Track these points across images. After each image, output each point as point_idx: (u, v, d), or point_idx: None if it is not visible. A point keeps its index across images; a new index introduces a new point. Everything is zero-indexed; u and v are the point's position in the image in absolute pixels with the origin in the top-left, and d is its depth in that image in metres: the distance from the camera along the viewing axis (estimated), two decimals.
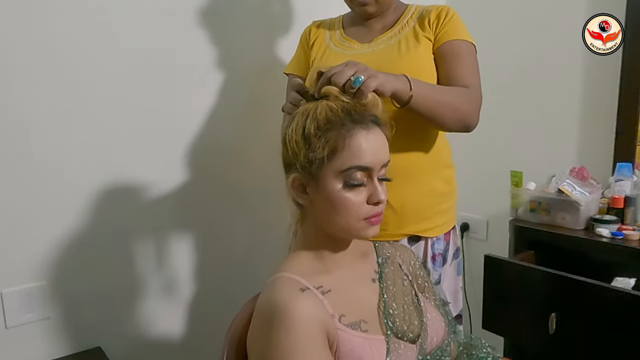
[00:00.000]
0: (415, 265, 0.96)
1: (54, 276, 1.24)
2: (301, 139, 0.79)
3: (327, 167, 0.78)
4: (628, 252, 1.25)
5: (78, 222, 1.26)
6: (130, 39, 1.29)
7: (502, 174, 1.63)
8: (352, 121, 0.78)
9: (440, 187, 1.16)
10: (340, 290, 0.81)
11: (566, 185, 1.41)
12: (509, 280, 1.29)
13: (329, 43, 1.21)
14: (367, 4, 1.13)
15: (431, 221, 1.14)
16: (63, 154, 1.22)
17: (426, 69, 1.10)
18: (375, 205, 0.80)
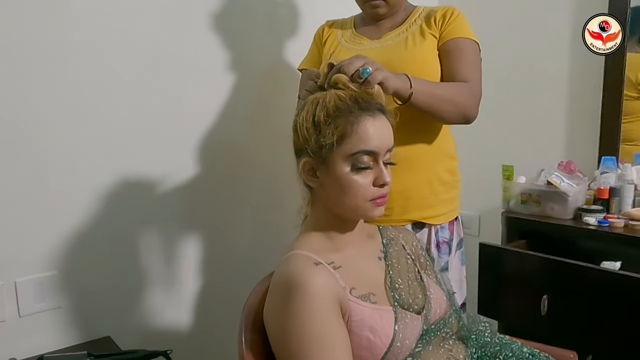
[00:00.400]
0: (417, 247, 1.02)
1: (66, 266, 1.27)
2: (312, 126, 0.84)
3: (336, 151, 0.83)
4: (613, 238, 1.33)
5: (89, 216, 1.30)
6: (141, 40, 1.33)
7: (493, 170, 1.70)
8: (360, 109, 0.84)
9: (444, 177, 1.22)
10: (350, 266, 0.87)
11: (555, 178, 1.48)
12: (502, 266, 1.36)
13: (341, 40, 1.28)
14: (378, 6, 1.20)
15: (434, 209, 1.20)
16: (77, 149, 1.26)
17: (430, 63, 1.17)
18: (380, 187, 0.86)
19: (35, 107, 1.20)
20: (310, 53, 1.35)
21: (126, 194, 1.35)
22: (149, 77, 1.36)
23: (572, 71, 1.72)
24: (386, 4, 1.20)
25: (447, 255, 1.23)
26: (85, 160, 1.28)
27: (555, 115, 1.77)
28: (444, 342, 0.89)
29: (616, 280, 1.16)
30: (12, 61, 1.16)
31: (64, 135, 1.24)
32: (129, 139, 1.34)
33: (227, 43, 1.49)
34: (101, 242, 1.32)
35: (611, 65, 1.61)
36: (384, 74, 0.91)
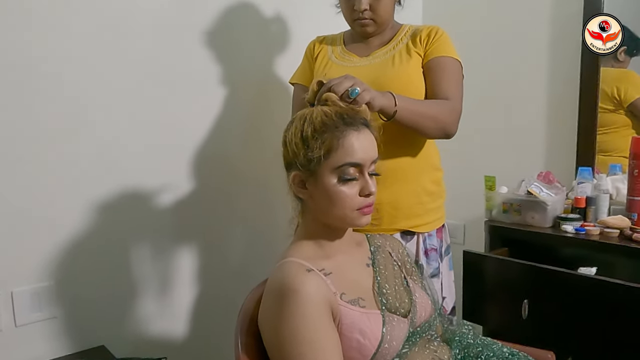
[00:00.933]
0: (403, 254, 1.08)
1: (61, 277, 1.30)
2: (300, 141, 0.90)
3: (323, 164, 0.88)
4: (590, 245, 1.39)
5: (85, 227, 1.33)
6: (136, 55, 1.37)
7: (477, 181, 1.75)
8: (345, 124, 0.89)
9: (430, 188, 1.29)
10: (340, 273, 0.92)
11: (534, 188, 1.54)
12: (485, 272, 1.41)
13: (331, 56, 1.34)
14: (367, 25, 1.26)
15: (422, 218, 1.27)
16: (73, 162, 1.29)
17: (415, 80, 1.24)
18: (366, 197, 0.91)
19: (32, 119, 1.23)
20: (301, 67, 1.41)
21: (121, 205, 1.38)
22: (144, 90, 1.40)
23: (550, 86, 1.80)
24: (374, 22, 1.27)
25: (437, 261, 1.29)
26: (81, 172, 1.31)
27: (535, 128, 1.85)
28: (429, 344, 0.94)
29: (592, 285, 1.22)
30: (7, 75, 1.19)
31: (59, 148, 1.27)
32: (123, 151, 1.37)
33: (220, 58, 1.54)
34: (96, 252, 1.35)
35: (586, 80, 1.69)
36: (371, 94, 0.98)
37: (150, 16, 1.39)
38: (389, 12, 1.29)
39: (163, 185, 1.46)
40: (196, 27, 1.49)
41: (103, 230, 1.35)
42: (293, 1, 1.67)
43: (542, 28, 1.79)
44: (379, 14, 1.25)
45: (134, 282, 1.43)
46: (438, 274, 1.29)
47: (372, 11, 1.24)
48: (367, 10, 1.23)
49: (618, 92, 1.68)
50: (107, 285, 1.37)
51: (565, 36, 1.73)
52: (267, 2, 1.62)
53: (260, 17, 1.62)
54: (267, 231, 1.67)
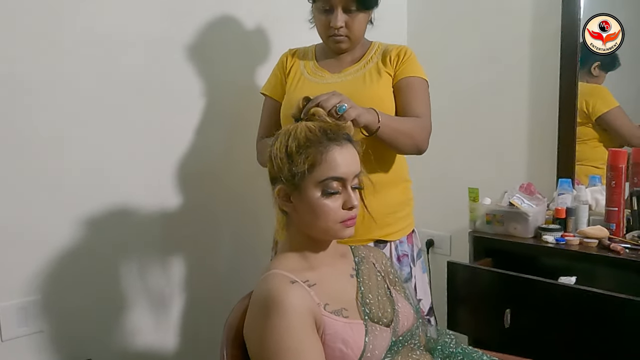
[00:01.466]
0: (386, 264, 1.10)
1: (48, 291, 1.30)
2: (285, 156, 0.92)
3: (307, 178, 0.91)
4: (569, 255, 1.42)
5: (72, 241, 1.33)
6: (123, 72, 1.39)
7: (462, 193, 1.79)
8: (328, 139, 0.92)
9: (399, 198, 1.35)
10: (324, 284, 0.94)
11: (516, 199, 1.58)
12: (469, 283, 1.44)
13: (304, 71, 1.37)
14: (341, 41, 1.30)
15: (392, 227, 1.32)
16: (60, 174, 1.30)
17: (385, 100, 1.29)
18: (349, 209, 0.94)
19: (17, 134, 1.23)
20: (273, 79, 1.43)
21: (107, 219, 1.39)
22: (130, 106, 1.41)
23: (531, 101, 1.85)
24: (348, 39, 1.31)
25: (409, 266, 1.35)
26: (67, 186, 1.32)
27: (517, 141, 1.90)
28: (411, 353, 0.96)
29: (571, 294, 1.25)
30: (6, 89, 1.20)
31: (46, 162, 1.28)
32: (110, 165, 1.39)
33: (205, 73, 1.56)
34: (83, 266, 1.35)
35: (566, 95, 1.74)
36: (357, 110, 1.04)
37: (136, 32, 1.41)
38: (362, 30, 1.33)
39: (150, 199, 1.47)
40: (181, 43, 1.51)
41: (90, 244, 1.36)
42: (274, 16, 1.70)
43: (523, 44, 1.85)
44: (353, 31, 1.29)
45: (121, 296, 1.44)
46: (411, 278, 1.35)
47: (347, 28, 1.28)
48: (343, 28, 1.27)
49: (587, 106, 1.74)
50: (94, 298, 1.38)
51: (545, 53, 1.78)
52: (248, 18, 1.65)
53: (241, 32, 1.65)
54: (254, 243, 1.68)
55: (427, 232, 2.16)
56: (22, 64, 1.23)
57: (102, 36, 1.35)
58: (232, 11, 1.61)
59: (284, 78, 1.39)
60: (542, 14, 1.79)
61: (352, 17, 1.27)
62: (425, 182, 2.08)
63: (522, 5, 1.84)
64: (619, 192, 1.47)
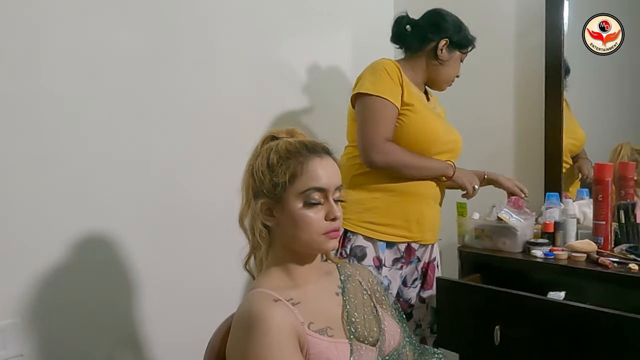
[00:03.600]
0: (373, 282, 1.09)
1: (28, 313, 1.26)
2: (266, 168, 0.93)
3: (289, 190, 0.91)
4: (558, 269, 1.41)
5: (53, 261, 1.30)
6: (111, 89, 1.38)
7: (450, 207, 1.78)
8: (308, 150, 0.94)
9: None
10: (308, 302, 0.92)
11: (504, 214, 1.57)
12: (458, 299, 1.43)
13: (419, 96, 1.53)
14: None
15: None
16: (42, 194, 1.27)
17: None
18: (332, 221, 0.93)
19: (2, 152, 1.21)
20: (391, 86, 1.44)
21: (91, 241, 1.36)
22: (117, 126, 1.40)
23: (517, 115, 1.88)
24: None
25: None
26: (50, 207, 1.29)
27: (504, 156, 1.91)
28: None
29: (560, 309, 1.24)
30: None
31: (30, 181, 1.26)
32: (96, 185, 1.37)
33: (195, 90, 1.55)
34: (65, 288, 1.32)
35: (551, 109, 1.76)
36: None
37: (124, 50, 1.41)
38: None
39: (133, 220, 1.44)
40: (171, 61, 1.51)
41: (73, 266, 1.33)
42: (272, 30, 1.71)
43: (508, 59, 1.87)
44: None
45: (104, 319, 1.40)
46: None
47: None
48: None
49: None
50: (75, 322, 1.34)
51: (529, 66, 1.80)
52: (240, 33, 1.65)
53: (236, 47, 1.65)
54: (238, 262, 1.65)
55: None
56: (5, 82, 1.21)
57: (90, 55, 1.34)
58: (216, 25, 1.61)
59: (400, 87, 1.44)
60: (526, 28, 1.82)
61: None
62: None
63: (505, 20, 1.87)
64: (606, 205, 1.48)
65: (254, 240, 0.97)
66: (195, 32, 1.57)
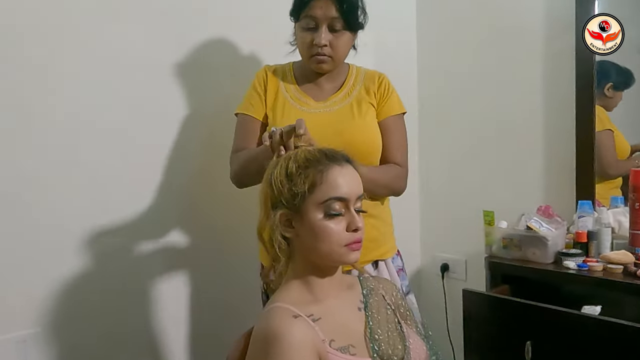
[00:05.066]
0: (397, 297, 1.04)
1: (49, 323, 1.27)
2: (285, 178, 0.90)
3: (308, 200, 0.88)
4: (593, 282, 1.34)
5: (74, 271, 1.30)
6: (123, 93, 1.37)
7: (476, 215, 1.71)
8: (328, 159, 0.91)
9: (386, 219, 1.39)
10: (330, 318, 0.89)
11: (534, 222, 1.51)
12: (486, 312, 1.37)
13: (286, 95, 1.34)
14: (324, 62, 1.27)
15: (385, 246, 1.36)
16: (61, 203, 1.28)
17: (375, 133, 1.31)
18: (354, 232, 0.90)
19: (18, 158, 1.22)
20: (250, 98, 1.35)
21: (114, 246, 1.36)
22: (133, 128, 1.39)
23: (546, 119, 1.80)
24: (331, 60, 1.28)
25: (406, 279, 1.41)
26: (72, 214, 1.29)
27: (533, 161, 1.83)
28: None
29: (596, 325, 1.17)
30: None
31: (49, 189, 1.26)
32: (114, 195, 1.36)
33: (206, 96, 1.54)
34: (85, 298, 1.32)
35: (582, 111, 1.68)
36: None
37: (138, 57, 1.40)
38: (346, 52, 1.31)
39: (154, 230, 1.44)
40: (184, 66, 1.49)
41: (96, 273, 1.33)
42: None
43: (536, 60, 1.80)
44: (337, 51, 1.27)
45: (123, 330, 1.39)
46: (410, 290, 1.40)
47: (331, 48, 1.26)
48: (327, 47, 1.25)
49: None
50: (96, 332, 1.34)
51: (559, 68, 1.73)
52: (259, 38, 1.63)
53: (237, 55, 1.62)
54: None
55: (441, 256, 2.10)
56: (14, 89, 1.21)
57: (105, 60, 1.34)
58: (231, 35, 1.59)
59: (263, 95, 1.35)
60: (556, 31, 1.75)
61: (337, 36, 1.25)
62: (439, 205, 2.11)
63: (534, 22, 1.80)
64: None
65: (273, 252, 0.94)
66: (214, 37, 1.56)
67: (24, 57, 1.22)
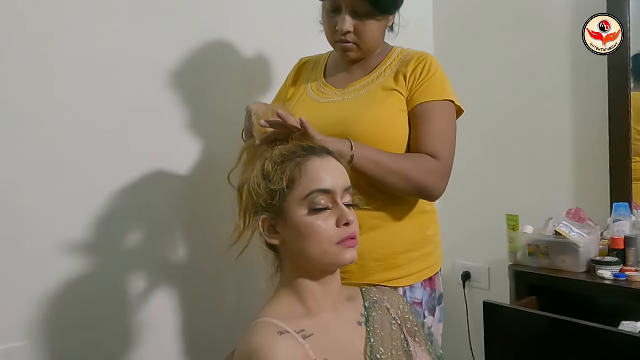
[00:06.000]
0: (404, 310, 0.93)
1: (36, 336, 1.20)
2: (261, 179, 0.82)
3: (289, 197, 0.80)
4: (632, 294, 1.21)
5: (62, 282, 1.23)
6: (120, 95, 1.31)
7: (499, 220, 1.61)
8: (305, 151, 0.83)
9: (413, 235, 1.11)
10: (324, 334, 0.79)
11: (563, 227, 1.39)
12: (509, 327, 1.23)
13: (307, 88, 1.22)
14: (349, 49, 1.11)
15: (402, 270, 1.09)
16: (50, 209, 1.21)
17: (395, 125, 1.08)
18: (345, 226, 0.80)
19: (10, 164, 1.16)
20: (278, 94, 1.29)
21: (105, 255, 1.29)
22: (128, 132, 1.33)
23: (577, 114, 1.66)
24: (358, 48, 1.11)
25: (420, 317, 1.11)
26: (58, 222, 1.22)
27: (562, 160, 1.69)
28: None
29: (636, 345, 1.02)
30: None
31: (36, 194, 1.20)
32: (106, 195, 1.30)
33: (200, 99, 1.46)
34: (74, 310, 1.24)
35: (616, 106, 1.54)
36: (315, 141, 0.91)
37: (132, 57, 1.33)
38: (377, 38, 1.13)
39: (152, 232, 1.37)
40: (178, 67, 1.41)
41: (86, 283, 1.26)
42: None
43: (564, 50, 1.67)
44: (365, 39, 1.10)
45: (118, 339, 1.32)
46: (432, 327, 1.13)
47: (357, 35, 1.09)
48: (351, 33, 1.09)
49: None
50: (84, 345, 1.26)
51: (590, 58, 1.58)
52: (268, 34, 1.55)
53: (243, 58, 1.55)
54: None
55: (462, 263, 1.98)
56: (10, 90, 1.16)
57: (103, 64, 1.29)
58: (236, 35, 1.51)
59: (286, 90, 1.26)
60: (585, 20, 1.61)
61: (363, 22, 1.08)
62: (459, 208, 1.95)
63: (561, 11, 1.67)
64: None
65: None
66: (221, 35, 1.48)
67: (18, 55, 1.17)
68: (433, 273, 1.14)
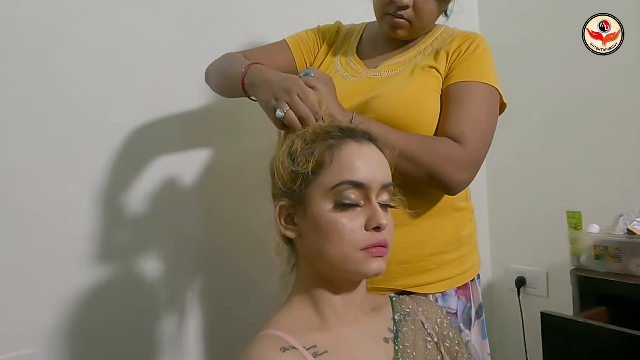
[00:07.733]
0: (442, 325, 0.78)
1: (49, 343, 1.17)
2: (287, 158, 0.71)
3: (313, 185, 0.69)
4: None
5: (75, 289, 1.20)
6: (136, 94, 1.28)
7: (559, 217, 1.47)
8: (342, 132, 0.70)
9: (445, 235, 0.99)
10: (341, 351, 0.67)
11: (637, 225, 1.26)
12: (573, 343, 1.08)
13: (336, 62, 1.09)
14: (401, 27, 0.99)
15: (432, 274, 0.96)
16: (63, 213, 1.18)
17: (426, 106, 0.95)
18: (376, 231, 0.67)
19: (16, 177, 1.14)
20: (307, 37, 1.14)
21: (115, 267, 1.25)
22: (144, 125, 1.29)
23: None
24: (410, 27, 0.99)
25: (468, 329, 0.98)
26: (73, 228, 1.19)
27: (631, 149, 1.53)
28: None
29: None
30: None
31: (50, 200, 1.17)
32: (118, 194, 1.26)
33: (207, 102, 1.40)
34: (86, 317, 1.21)
35: None
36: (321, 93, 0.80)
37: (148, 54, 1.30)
38: (433, 19, 1.02)
39: (168, 233, 1.32)
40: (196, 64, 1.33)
41: (94, 293, 1.22)
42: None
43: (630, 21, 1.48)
44: (421, 17, 0.98)
45: (131, 347, 1.27)
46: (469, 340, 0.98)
47: (415, 11, 0.97)
48: (410, 9, 0.96)
49: None
50: (97, 354, 1.22)
51: None
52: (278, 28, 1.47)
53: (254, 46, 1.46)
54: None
55: (516, 268, 1.85)
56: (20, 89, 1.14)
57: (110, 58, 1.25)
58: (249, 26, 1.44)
59: (318, 43, 1.13)
60: None
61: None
62: (512, 206, 1.87)
63: None
64: None
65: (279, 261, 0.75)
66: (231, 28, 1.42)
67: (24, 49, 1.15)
68: (469, 279, 1.00)
